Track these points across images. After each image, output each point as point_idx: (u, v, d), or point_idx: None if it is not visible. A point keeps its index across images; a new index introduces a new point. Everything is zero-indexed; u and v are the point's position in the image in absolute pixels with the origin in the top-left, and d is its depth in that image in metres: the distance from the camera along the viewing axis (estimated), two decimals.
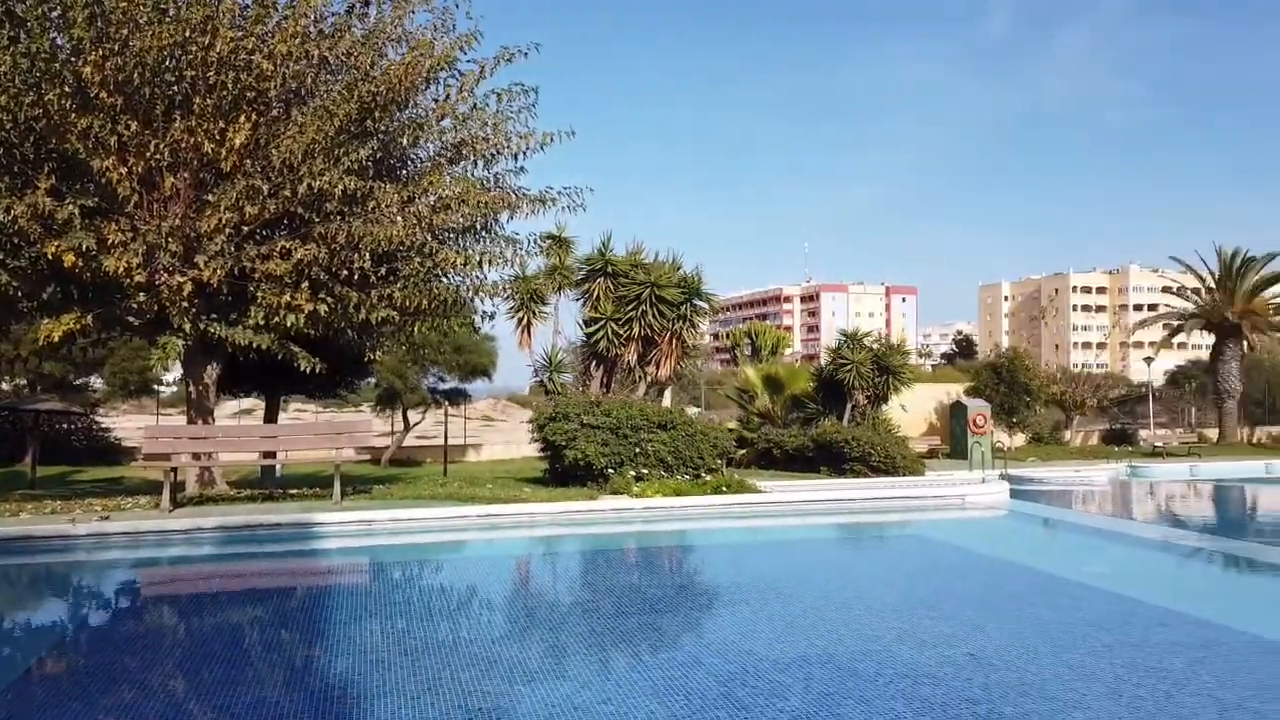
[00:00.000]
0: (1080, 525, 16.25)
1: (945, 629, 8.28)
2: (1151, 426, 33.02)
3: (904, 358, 26.00)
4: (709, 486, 15.51)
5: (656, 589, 10.32)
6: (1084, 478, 23.02)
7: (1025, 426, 30.87)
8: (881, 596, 9.97)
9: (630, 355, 19.69)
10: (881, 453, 19.97)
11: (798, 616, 8.68)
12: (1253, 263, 34.86)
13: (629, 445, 16.12)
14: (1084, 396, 34.06)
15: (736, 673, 6.82)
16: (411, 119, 14.59)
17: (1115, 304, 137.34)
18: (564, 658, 7.36)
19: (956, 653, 7.48)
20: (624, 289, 19.52)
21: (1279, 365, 38.47)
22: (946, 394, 29.75)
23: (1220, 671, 6.97)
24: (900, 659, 7.27)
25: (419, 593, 10.23)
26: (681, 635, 8.21)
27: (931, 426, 29.61)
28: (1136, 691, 6.49)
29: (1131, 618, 8.71)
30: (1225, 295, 34.64)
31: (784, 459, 21.76)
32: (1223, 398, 33.57)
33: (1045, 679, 6.82)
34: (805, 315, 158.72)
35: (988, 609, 9.20)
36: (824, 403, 24.46)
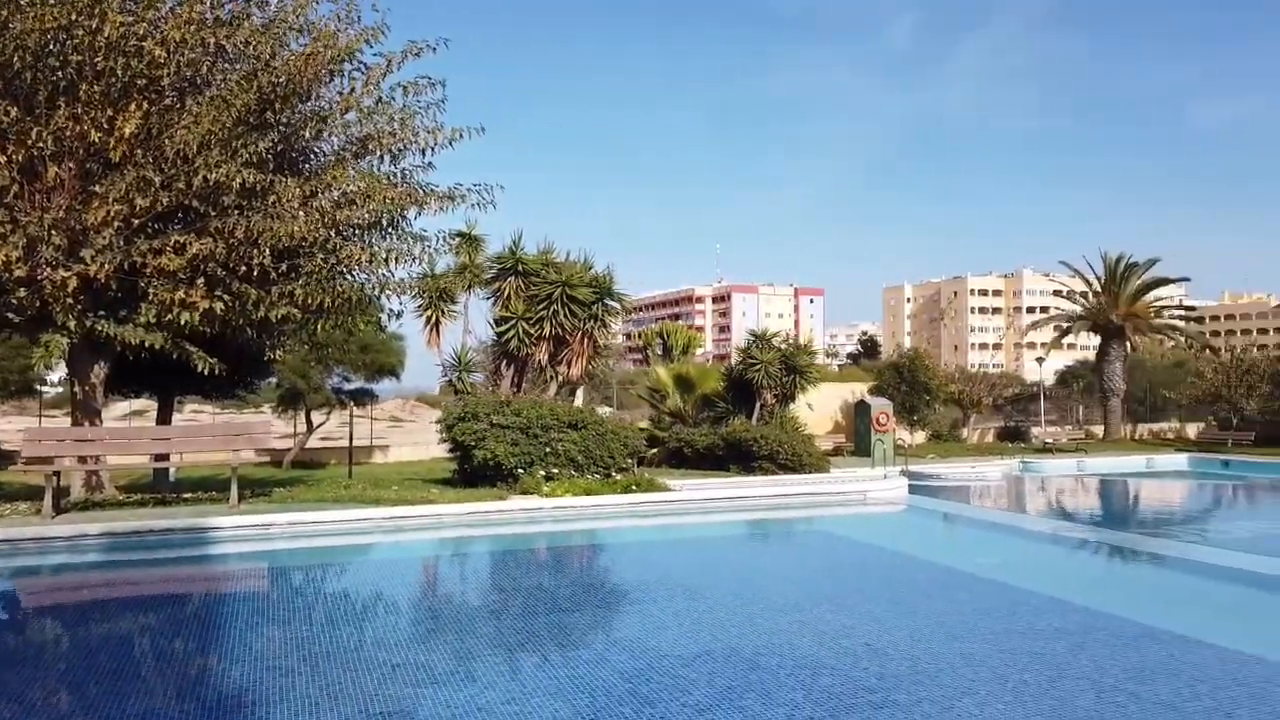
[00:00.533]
0: (974, 519, 16.92)
1: (845, 621, 8.52)
2: (1043, 424, 34.52)
3: (811, 358, 26.57)
4: (619, 485, 15.57)
5: (565, 588, 10.32)
6: (979, 474, 23.92)
7: (925, 424, 31.90)
8: (785, 591, 10.18)
9: (541, 355, 19.60)
10: (789, 451, 20.38)
11: (704, 612, 8.79)
12: (1135, 268, 36.81)
13: (539, 445, 16.05)
14: (980, 395, 35.38)
15: (642, 669, 6.88)
16: (314, 111, 14.21)
17: (1010, 306, 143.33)
18: (469, 660, 7.30)
19: (855, 644, 7.70)
20: (535, 288, 19.42)
21: (1159, 365, 40.76)
22: (851, 393, 30.51)
23: (1099, 656, 7.35)
24: (801, 651, 7.45)
25: (321, 598, 9.99)
26: (588, 634, 8.23)
27: (837, 425, 30.33)
28: (1022, 677, 6.80)
29: (1019, 607, 9.12)
30: (1110, 298, 36.49)
31: (695, 457, 22.00)
32: (1108, 396, 35.35)
33: (938, 667, 7.08)
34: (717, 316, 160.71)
35: (886, 601, 9.49)
36: (734, 402, 24.82)
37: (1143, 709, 6.07)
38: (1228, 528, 16.82)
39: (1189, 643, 7.64)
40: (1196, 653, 7.40)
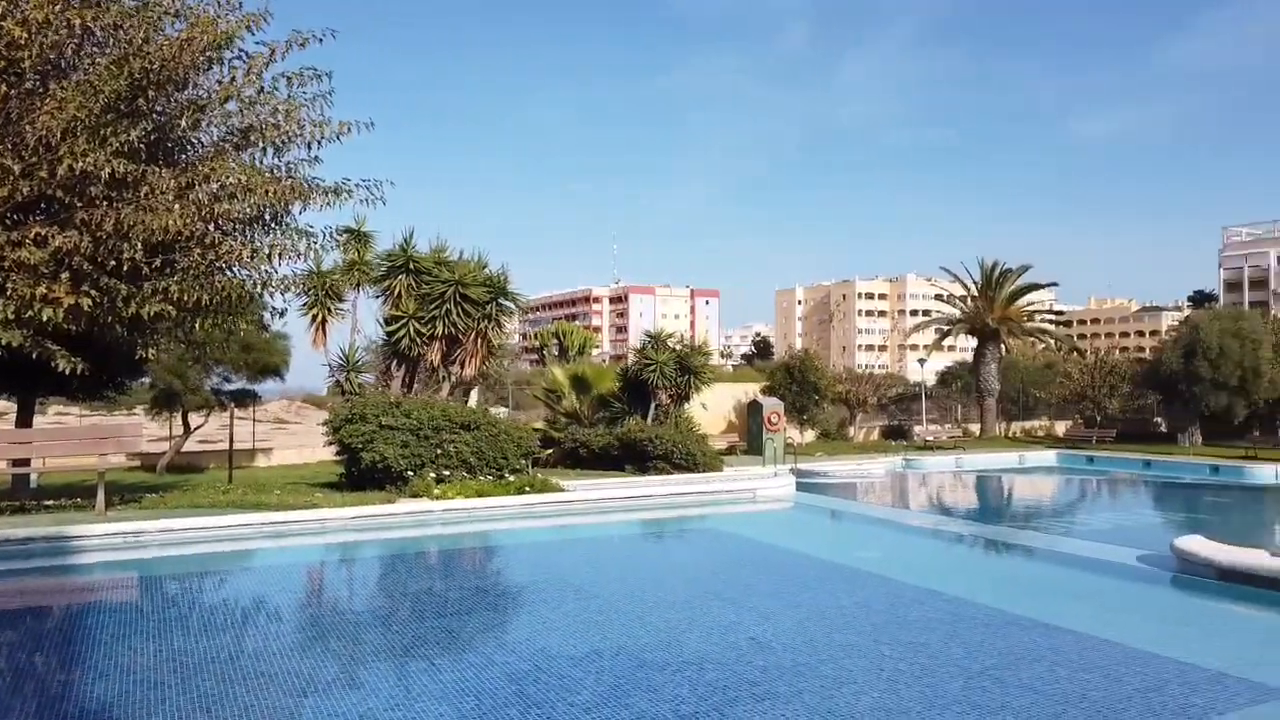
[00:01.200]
0: (858, 515, 17.50)
1: (732, 616, 8.69)
2: (924, 422, 35.94)
3: (705, 358, 26.93)
4: (512, 487, 15.46)
5: (454, 592, 10.19)
6: (864, 471, 24.74)
7: (815, 423, 32.79)
8: (675, 588, 10.32)
9: (434, 355, 19.26)
10: (683, 450, 20.62)
11: (593, 612, 8.83)
12: (1009, 274, 38.72)
13: (430, 446, 15.78)
14: (866, 395, 36.59)
15: (529, 670, 6.86)
16: (191, 100, 13.57)
17: (895, 309, 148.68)
18: (353, 666, 7.13)
19: (740, 638, 7.87)
20: (427, 287, 19.07)
21: (1031, 367, 42.95)
22: (745, 393, 31.10)
23: (969, 643, 7.73)
24: (688, 647, 7.56)
25: (196, 607, 9.58)
26: (476, 637, 8.15)
27: (731, 424, 30.87)
28: (897, 666, 7.08)
29: (897, 598, 9.49)
30: (986, 303, 38.28)
31: (590, 458, 22.01)
32: (984, 396, 37.07)
33: (819, 659, 7.31)
34: (614, 316, 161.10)
35: (771, 596, 9.72)
36: (630, 402, 24.94)
37: (1006, 692, 6.40)
38: (1090, 520, 17.88)
39: (1050, 629, 8.10)
40: (1057, 638, 7.85)
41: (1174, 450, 29.27)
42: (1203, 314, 35.45)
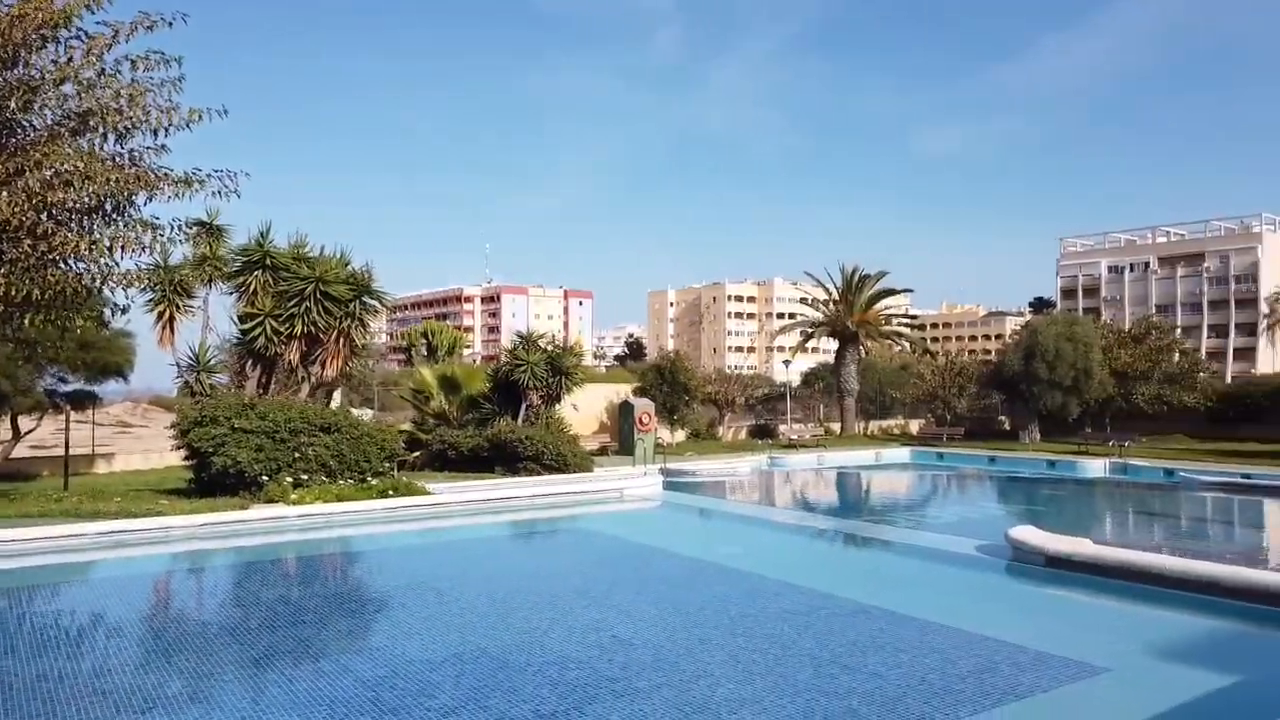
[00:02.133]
0: (722, 512, 17.91)
1: (595, 615, 8.76)
2: (789, 421, 37.08)
3: (577, 359, 26.93)
4: (375, 490, 15.06)
5: (310, 599, 9.86)
6: (731, 469, 25.31)
7: (685, 423, 33.33)
8: (540, 589, 10.30)
9: (293, 354, 18.53)
10: (554, 451, 20.60)
11: (455, 615, 8.72)
12: (868, 279, 40.43)
13: (287, 450, 15.20)
14: (734, 395, 37.47)
15: (386, 676, 6.72)
16: (23, 80, 12.62)
17: (763, 312, 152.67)
18: (197, 681, 6.80)
19: (603, 636, 7.95)
20: (286, 283, 18.32)
21: (888, 368, 44.95)
22: (617, 394, 31.30)
23: (821, 633, 8.05)
24: (551, 647, 7.58)
25: (24, 624, 8.91)
26: (332, 644, 7.92)
27: (603, 425, 31.01)
28: (751, 657, 7.31)
29: (755, 592, 9.78)
30: (847, 307, 39.84)
31: (460, 460, 21.69)
32: (844, 396, 38.56)
33: (678, 654, 7.46)
34: (486, 316, 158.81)
35: (635, 593, 9.85)
36: (500, 403, 24.70)
37: (853, 679, 6.71)
38: (938, 513, 18.87)
39: (896, 617, 8.53)
40: (901, 625, 8.28)
41: (1015, 446, 31.21)
42: (1041, 319, 37.96)
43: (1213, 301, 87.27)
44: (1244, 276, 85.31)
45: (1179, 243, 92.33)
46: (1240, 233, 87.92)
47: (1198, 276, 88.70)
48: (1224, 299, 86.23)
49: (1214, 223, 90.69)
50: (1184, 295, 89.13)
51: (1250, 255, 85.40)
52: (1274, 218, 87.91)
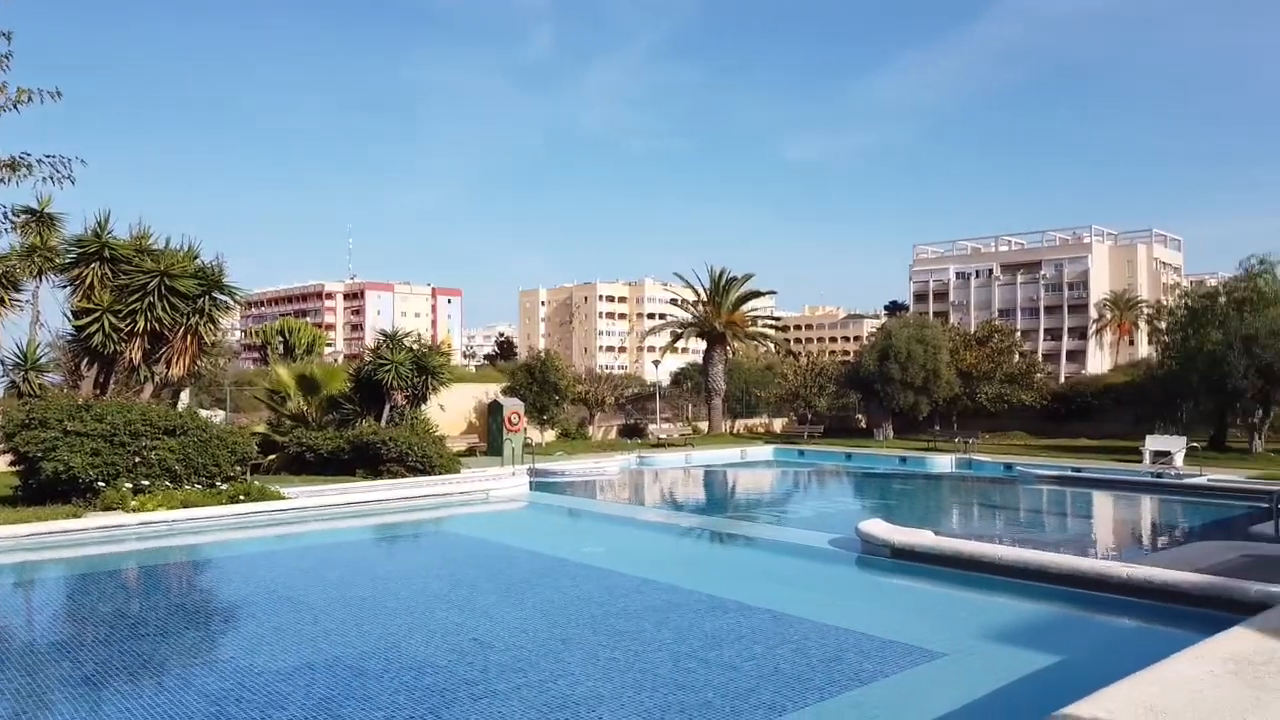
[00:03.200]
0: (589, 511, 17.98)
1: (455, 618, 8.64)
2: (658, 421, 37.56)
3: (445, 358, 26.43)
4: (225, 495, 14.36)
5: (151, 611, 9.32)
6: (600, 468, 25.44)
7: (555, 423, 33.25)
8: (399, 593, 10.09)
9: (134, 352, 17.40)
10: (419, 452, 20.16)
11: (308, 623, 8.43)
12: (735, 281, 41.45)
13: (127, 454, 14.30)
14: (605, 395, 37.65)
15: (232, 689, 6.44)
16: None
17: (634, 312, 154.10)
18: (21, 701, 6.31)
19: (463, 640, 7.85)
20: (127, 277, 17.20)
21: (754, 368, 46.17)
22: (486, 393, 30.91)
23: (680, 628, 8.20)
24: (408, 653, 7.43)
25: None
26: (173, 658, 7.51)
27: (471, 425, 30.57)
28: (611, 655, 7.38)
29: (616, 590, 9.88)
30: (714, 308, 40.71)
31: (319, 462, 20.95)
32: (712, 395, 39.38)
33: (539, 654, 7.45)
34: (349, 314, 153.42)
35: (497, 595, 9.77)
36: (363, 403, 23.98)
37: (709, 671, 6.87)
38: (797, 508, 19.54)
39: (752, 610, 8.79)
40: (756, 618, 8.54)
41: (871, 444, 32.65)
42: (895, 322, 39.81)
43: (1048, 307, 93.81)
44: (1076, 283, 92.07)
45: (1019, 251, 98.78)
46: (1073, 243, 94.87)
47: (1035, 283, 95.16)
48: (1059, 304, 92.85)
49: (1050, 233, 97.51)
50: (1023, 300, 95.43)
51: (1082, 264, 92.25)
52: (1103, 229, 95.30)
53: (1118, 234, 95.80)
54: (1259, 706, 4.62)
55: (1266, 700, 4.71)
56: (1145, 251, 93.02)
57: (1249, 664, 5.33)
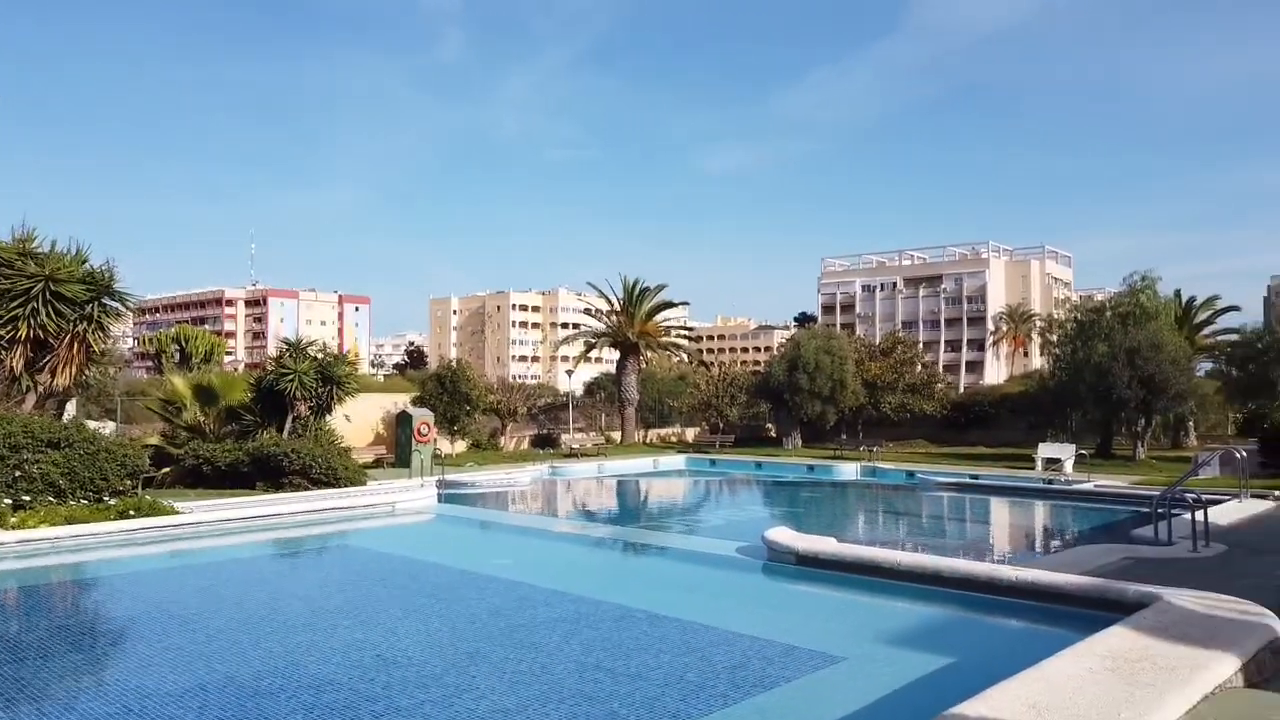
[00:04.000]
0: (499, 523, 17.81)
1: (357, 635, 8.44)
2: (571, 431, 37.46)
3: (351, 367, 25.84)
4: (113, 511, 13.71)
5: (29, 634, 8.83)
6: (511, 479, 25.21)
7: (466, 434, 32.82)
8: (298, 610, 9.80)
9: (15, 360, 16.51)
10: (323, 465, 19.65)
11: (201, 643, 8.12)
12: (648, 292, 41.72)
13: (7, 468, 13.52)
14: (517, 405, 37.36)
15: (118, 713, 6.16)
16: None
17: (548, 321, 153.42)
18: None
19: (365, 656, 7.68)
20: (8, 281, 16.34)
21: (667, 378, 46.52)
22: (394, 404, 30.31)
23: (587, 639, 8.20)
24: (308, 671, 7.24)
25: None
26: (54, 684, 7.13)
27: (379, 436, 29.93)
28: (518, 668, 7.33)
29: (525, 602, 9.81)
30: (628, 318, 40.90)
31: (216, 476, 20.20)
32: (625, 405, 39.50)
33: (444, 669, 7.35)
34: (251, 321, 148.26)
35: (402, 610, 9.59)
36: (264, 414, 23.25)
37: (615, 682, 6.89)
38: (708, 517, 19.76)
39: (659, 619, 8.85)
40: (664, 627, 8.60)
41: (780, 452, 33.25)
42: (803, 333, 40.66)
43: (949, 319, 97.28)
44: (975, 297, 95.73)
45: (922, 266, 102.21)
46: (972, 258, 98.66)
47: (937, 296, 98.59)
48: (959, 317, 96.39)
49: (951, 248, 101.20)
50: (925, 313, 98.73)
51: (980, 278, 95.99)
52: (1000, 246, 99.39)
53: (1013, 250, 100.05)
54: (1132, 701, 4.88)
55: (1139, 695, 4.98)
56: (1038, 267, 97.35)
57: (1125, 661, 5.63)
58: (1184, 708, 4.98)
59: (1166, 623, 6.61)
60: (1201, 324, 38.04)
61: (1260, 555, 10.82)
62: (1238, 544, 11.67)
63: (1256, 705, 5.29)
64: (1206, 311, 38.68)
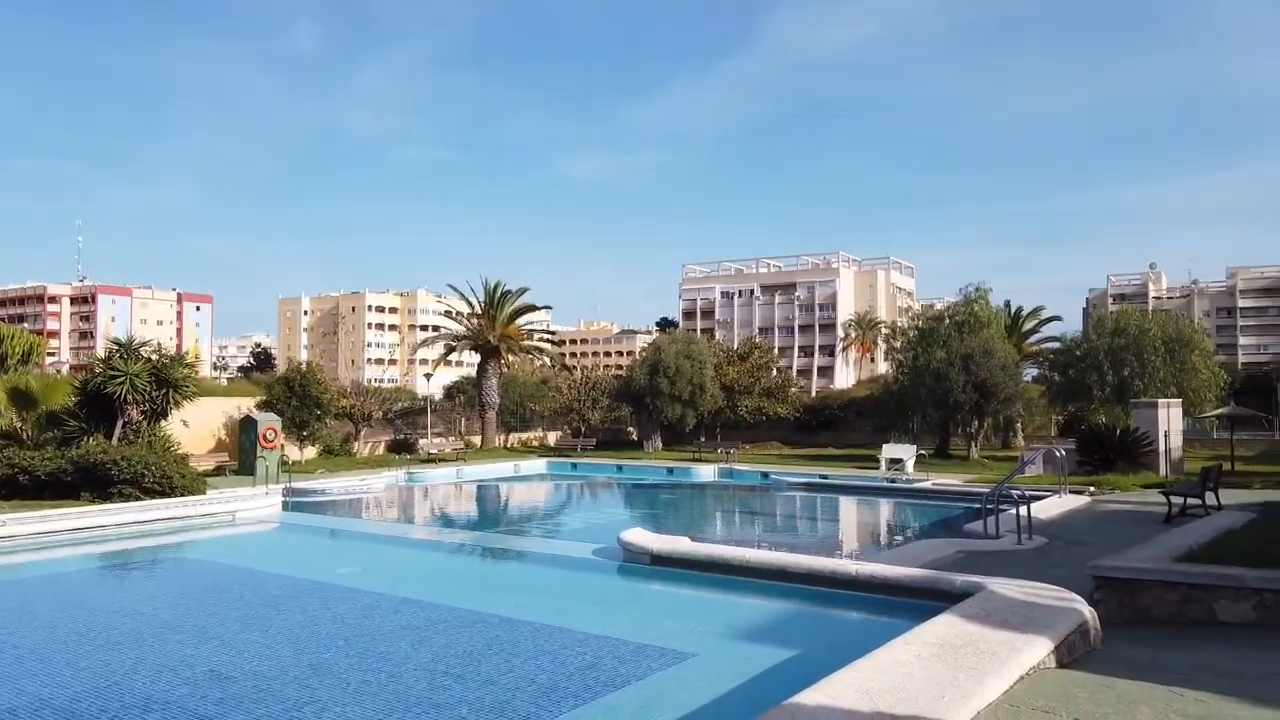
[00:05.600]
0: (349, 531, 17.23)
1: (189, 650, 7.97)
2: (429, 435, 36.64)
3: (190, 370, 24.44)
4: None
5: None
6: (365, 486, 24.40)
7: (317, 439, 31.54)
8: (123, 627, 9.16)
9: None
10: (157, 473, 18.45)
11: (10, 664, 7.48)
12: (510, 294, 41.34)
13: None
14: (372, 409, 36.21)
15: None
16: None
17: (406, 324, 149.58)
18: None
19: (197, 672, 7.26)
20: None
21: (529, 381, 46.22)
22: (238, 408, 28.82)
23: (437, 646, 8.03)
24: (132, 690, 6.78)
25: None
26: None
27: (221, 442, 28.38)
28: (364, 678, 7.10)
29: (373, 610, 9.52)
30: (489, 321, 40.38)
31: (35, 486, 18.63)
32: (486, 409, 38.96)
33: (284, 682, 7.03)
34: (78, 320, 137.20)
35: (240, 622, 9.12)
36: (90, 419, 21.67)
37: (466, 688, 6.78)
38: (568, 520, 19.74)
39: (512, 623, 8.76)
40: (517, 631, 8.52)
41: (640, 455, 33.59)
42: (664, 338, 41.28)
43: (802, 325, 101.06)
44: (826, 305, 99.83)
45: (777, 274, 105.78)
46: (823, 267, 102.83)
47: (791, 303, 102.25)
48: (811, 323, 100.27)
49: (804, 258, 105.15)
50: (780, 319, 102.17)
51: (831, 287, 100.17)
52: (849, 256, 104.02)
53: (861, 260, 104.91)
54: (956, 684, 5.18)
55: (962, 678, 5.29)
56: (884, 277, 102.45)
57: (950, 647, 5.97)
58: (1002, 688, 5.32)
59: (989, 610, 7.05)
60: (1028, 332, 40.96)
61: (1075, 546, 11.71)
62: (1056, 536, 12.60)
63: (1066, 684, 5.71)
64: (1032, 321, 41.69)
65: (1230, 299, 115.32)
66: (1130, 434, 22.21)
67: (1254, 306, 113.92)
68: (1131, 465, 21.30)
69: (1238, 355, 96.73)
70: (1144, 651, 6.75)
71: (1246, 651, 6.86)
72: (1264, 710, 5.08)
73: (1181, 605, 7.91)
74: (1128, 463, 21.32)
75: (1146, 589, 8.08)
